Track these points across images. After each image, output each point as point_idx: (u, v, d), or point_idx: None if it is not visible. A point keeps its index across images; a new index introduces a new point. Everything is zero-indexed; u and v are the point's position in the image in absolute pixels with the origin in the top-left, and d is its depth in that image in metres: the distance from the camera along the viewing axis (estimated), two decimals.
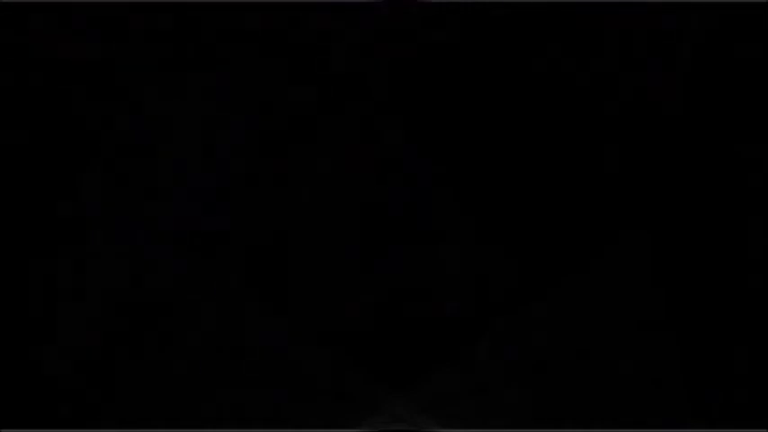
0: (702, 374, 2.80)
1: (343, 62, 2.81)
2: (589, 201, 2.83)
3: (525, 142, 2.82)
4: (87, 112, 2.76)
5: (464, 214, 2.83)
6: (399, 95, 2.81)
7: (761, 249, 2.80)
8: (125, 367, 2.80)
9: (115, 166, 2.78)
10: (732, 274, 2.80)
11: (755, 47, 2.81)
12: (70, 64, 2.74)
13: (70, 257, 2.80)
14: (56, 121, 2.76)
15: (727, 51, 2.81)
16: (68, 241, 2.80)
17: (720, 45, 2.81)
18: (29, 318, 2.79)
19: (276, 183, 2.82)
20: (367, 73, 2.81)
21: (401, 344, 2.82)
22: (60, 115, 2.76)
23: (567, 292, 2.82)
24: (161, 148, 2.80)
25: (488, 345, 2.83)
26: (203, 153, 2.82)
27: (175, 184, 2.82)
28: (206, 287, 2.81)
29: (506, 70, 2.82)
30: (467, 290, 2.82)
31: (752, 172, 2.81)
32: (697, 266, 2.80)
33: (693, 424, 2.75)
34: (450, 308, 2.83)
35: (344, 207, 2.84)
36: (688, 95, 2.82)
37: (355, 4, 2.80)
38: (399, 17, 2.81)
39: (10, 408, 2.76)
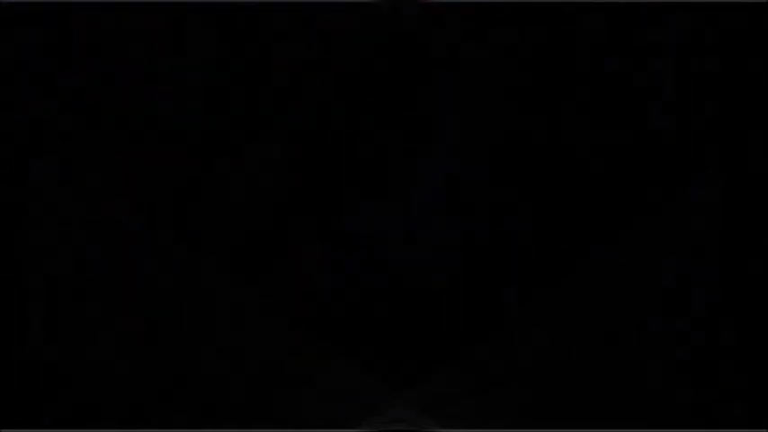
0: (702, 374, 2.79)
1: (343, 62, 2.81)
2: (588, 200, 2.82)
3: (525, 142, 2.82)
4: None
5: (464, 213, 2.83)
6: (399, 95, 2.81)
7: (761, 248, 2.80)
8: (122, 365, 2.80)
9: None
10: (732, 273, 2.80)
11: (756, 47, 2.81)
12: None
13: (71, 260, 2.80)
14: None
15: (727, 51, 2.81)
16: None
17: (720, 45, 2.80)
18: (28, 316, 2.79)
19: (274, 181, 2.82)
20: (366, 73, 2.80)
21: (401, 344, 2.81)
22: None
23: (567, 291, 2.82)
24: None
25: (488, 345, 2.82)
26: (198, 151, 2.82)
27: (173, 180, 2.82)
28: (202, 284, 2.81)
29: (506, 70, 2.82)
30: (467, 289, 2.82)
31: (751, 171, 2.81)
32: (696, 266, 2.80)
33: (693, 424, 2.74)
34: (449, 307, 2.83)
35: (344, 206, 2.84)
36: (688, 96, 2.82)
37: (355, 4, 2.80)
38: (399, 17, 2.81)
39: (10, 408, 2.75)
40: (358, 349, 2.81)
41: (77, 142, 2.79)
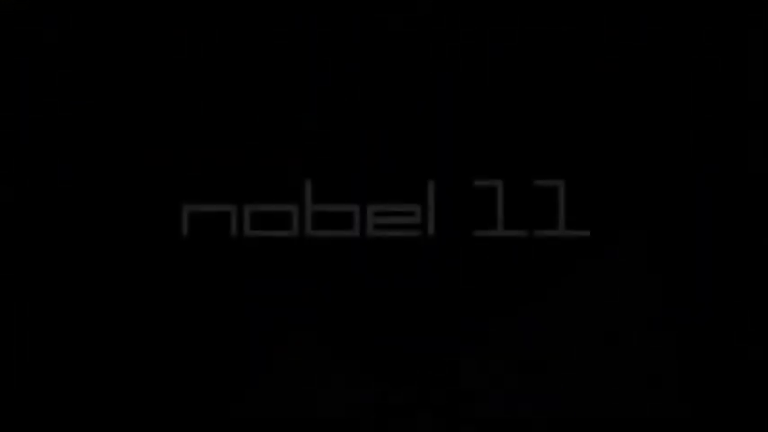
0: (702, 374, 2.80)
1: (343, 62, 2.82)
2: (587, 199, 2.83)
3: (524, 137, 2.83)
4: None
5: (463, 214, 2.84)
6: (399, 94, 2.82)
7: (761, 249, 2.81)
8: (123, 365, 2.81)
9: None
10: (731, 273, 2.80)
11: (756, 47, 2.81)
12: None
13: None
14: None
15: (728, 51, 2.81)
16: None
17: (720, 45, 2.81)
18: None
19: (274, 181, 2.83)
20: (364, 73, 2.81)
21: (401, 343, 2.82)
22: None
23: (566, 291, 2.83)
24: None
25: (488, 344, 2.83)
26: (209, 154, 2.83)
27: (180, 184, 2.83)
28: (204, 283, 2.82)
29: (504, 68, 2.82)
30: (466, 289, 2.83)
31: (752, 170, 2.82)
32: (697, 265, 2.81)
33: (694, 424, 2.75)
34: (449, 307, 2.83)
35: (346, 207, 2.84)
36: (687, 95, 2.82)
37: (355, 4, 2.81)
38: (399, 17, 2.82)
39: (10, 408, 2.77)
40: (358, 349, 2.82)
41: (78, 142, 2.80)
